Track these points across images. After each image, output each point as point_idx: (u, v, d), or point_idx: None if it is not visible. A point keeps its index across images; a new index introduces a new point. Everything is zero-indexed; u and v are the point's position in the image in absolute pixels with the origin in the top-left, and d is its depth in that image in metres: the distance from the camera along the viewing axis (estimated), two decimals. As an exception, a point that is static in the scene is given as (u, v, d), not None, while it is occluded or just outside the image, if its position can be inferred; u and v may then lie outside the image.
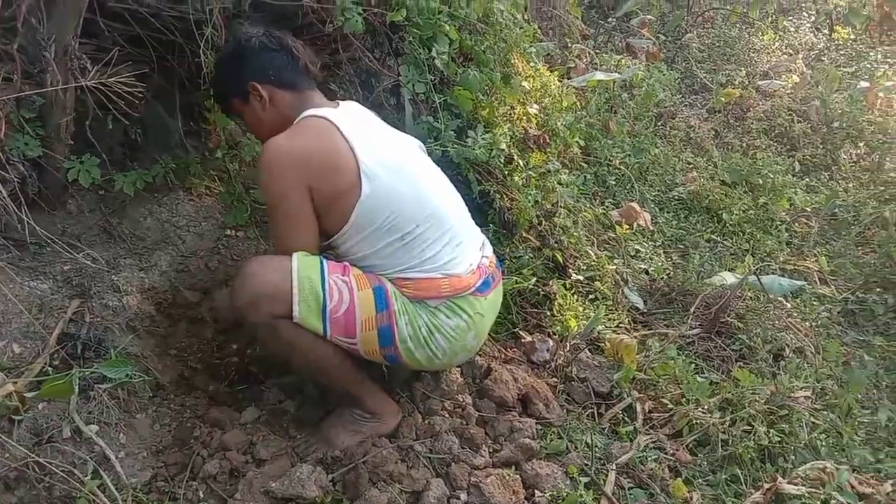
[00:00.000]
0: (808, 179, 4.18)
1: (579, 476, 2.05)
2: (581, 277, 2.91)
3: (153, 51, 2.32)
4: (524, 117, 3.21)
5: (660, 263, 3.24)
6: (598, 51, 5.13)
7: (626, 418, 2.36)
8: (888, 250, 3.43)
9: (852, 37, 6.33)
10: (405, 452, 1.99)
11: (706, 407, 2.30)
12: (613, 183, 3.73)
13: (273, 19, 2.44)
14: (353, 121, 1.98)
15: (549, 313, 2.75)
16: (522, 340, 2.63)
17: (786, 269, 3.31)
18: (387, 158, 1.94)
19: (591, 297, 2.91)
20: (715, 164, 4.12)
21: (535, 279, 2.74)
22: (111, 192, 2.50)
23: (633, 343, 2.53)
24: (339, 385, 2.02)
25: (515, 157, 2.96)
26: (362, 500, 1.83)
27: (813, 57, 5.93)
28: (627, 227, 3.37)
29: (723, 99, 4.87)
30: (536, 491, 1.97)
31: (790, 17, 6.76)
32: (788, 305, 2.99)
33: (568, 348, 2.59)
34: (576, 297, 2.83)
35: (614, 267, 3.06)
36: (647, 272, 3.20)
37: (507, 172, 2.89)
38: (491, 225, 2.85)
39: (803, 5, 7.05)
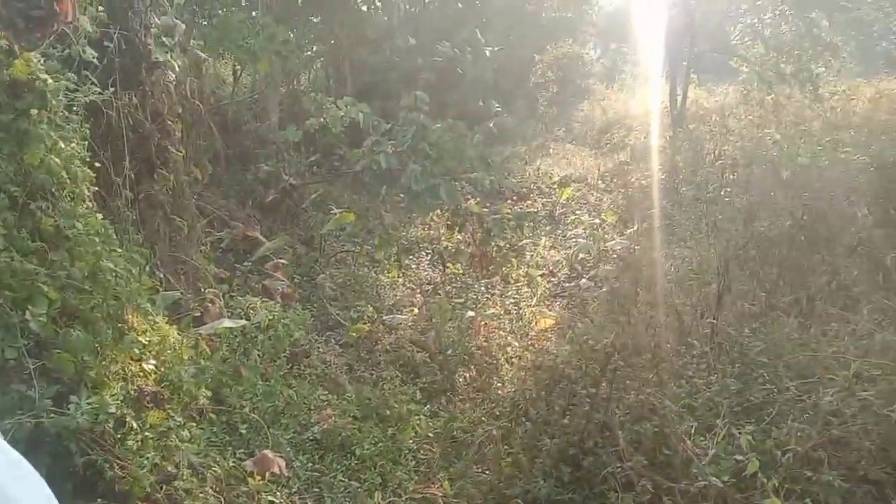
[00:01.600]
0: (429, 405, 4.57)
1: None
2: (206, 547, 2.70)
3: None
4: (140, 374, 3.05)
5: (294, 514, 3.18)
6: (234, 294, 5.22)
7: None
8: (501, 465, 3.82)
9: (461, 271, 7.42)
10: None
11: None
12: (245, 431, 3.65)
13: None
14: None
15: None
16: None
17: (415, 499, 3.47)
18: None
19: (216, 567, 2.69)
20: (348, 400, 4.31)
21: (150, 558, 2.47)
22: None
23: None
24: None
25: (129, 419, 2.77)
26: None
27: (430, 291, 6.77)
28: (261, 477, 3.28)
29: (354, 334, 5.24)
30: None
31: (411, 256, 7.71)
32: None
33: None
34: (199, 571, 2.60)
35: (244, 527, 2.91)
36: (280, 528, 3.09)
37: (118, 437, 2.68)
38: (100, 500, 2.55)
39: (421, 245, 8.14)
